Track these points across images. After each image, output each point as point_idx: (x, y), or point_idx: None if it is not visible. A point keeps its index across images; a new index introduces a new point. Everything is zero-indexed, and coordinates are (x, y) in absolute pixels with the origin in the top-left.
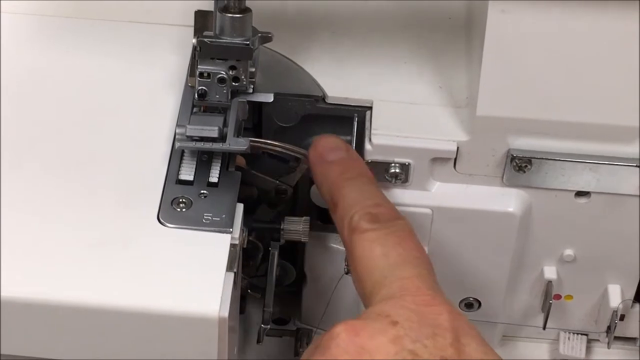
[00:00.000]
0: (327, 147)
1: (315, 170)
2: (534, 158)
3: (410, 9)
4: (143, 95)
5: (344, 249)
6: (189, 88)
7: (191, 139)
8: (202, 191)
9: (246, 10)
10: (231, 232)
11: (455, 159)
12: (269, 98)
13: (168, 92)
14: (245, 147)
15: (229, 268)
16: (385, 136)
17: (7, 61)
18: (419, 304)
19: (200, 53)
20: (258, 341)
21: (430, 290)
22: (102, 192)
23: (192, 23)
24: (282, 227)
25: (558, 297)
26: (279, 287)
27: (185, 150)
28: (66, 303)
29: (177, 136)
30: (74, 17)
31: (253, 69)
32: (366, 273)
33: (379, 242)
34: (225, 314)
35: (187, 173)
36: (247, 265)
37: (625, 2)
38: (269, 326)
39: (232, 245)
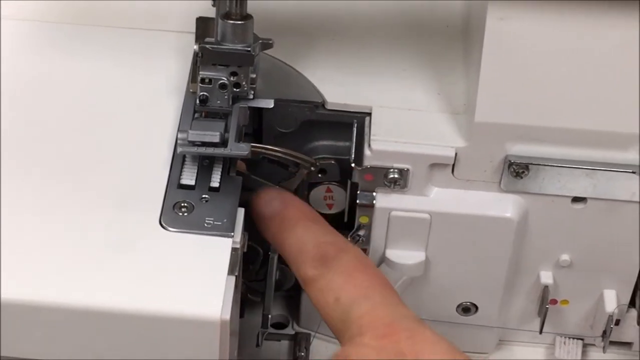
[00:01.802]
0: (262, 202)
1: (260, 230)
2: (532, 164)
3: (409, 17)
4: (144, 100)
5: None
6: (190, 94)
7: (193, 144)
8: (203, 196)
9: (247, 17)
10: (232, 236)
11: (454, 165)
12: (270, 104)
13: (169, 98)
14: (247, 152)
15: (231, 271)
16: (384, 142)
17: (8, 67)
18: (377, 338)
19: (202, 59)
20: (257, 345)
21: (387, 317)
22: (104, 196)
23: (193, 29)
24: None
25: (554, 301)
26: (278, 291)
27: (187, 155)
28: (69, 305)
29: (179, 141)
30: (75, 24)
31: (254, 75)
32: (329, 322)
33: (329, 288)
34: (227, 316)
35: (189, 178)
36: (247, 269)
37: (624, 10)
38: (268, 330)
39: (234, 249)
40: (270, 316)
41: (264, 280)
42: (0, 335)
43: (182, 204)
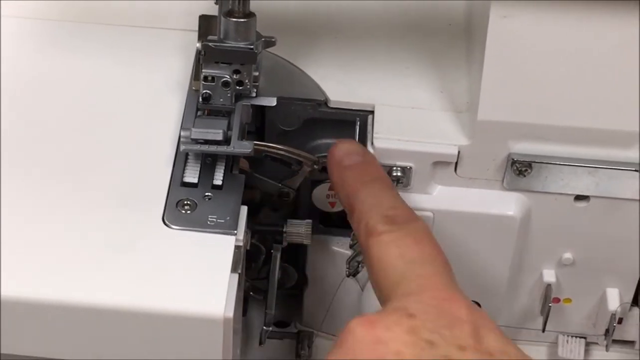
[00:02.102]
0: (343, 152)
1: (332, 176)
2: (534, 162)
3: (411, 15)
4: (147, 98)
5: (345, 252)
6: (192, 91)
7: (196, 141)
8: (206, 193)
9: (250, 15)
10: (236, 234)
11: (456, 163)
12: (272, 102)
13: (172, 96)
14: (250, 150)
15: (234, 269)
16: (387, 140)
17: (11, 65)
18: (437, 299)
19: (205, 57)
20: (260, 343)
21: (448, 287)
22: (107, 194)
23: (195, 27)
24: (284, 229)
25: (557, 300)
26: (280, 290)
27: (190, 153)
28: (72, 303)
29: (182, 139)
30: (78, 22)
31: (257, 73)
32: (383, 274)
33: (395, 244)
34: (230, 314)
35: (192, 175)
36: (249, 267)
37: (626, 8)
38: (270, 328)
39: (237, 247)
40: (273, 314)
41: (266, 278)
42: (7, 333)
43: (185, 202)
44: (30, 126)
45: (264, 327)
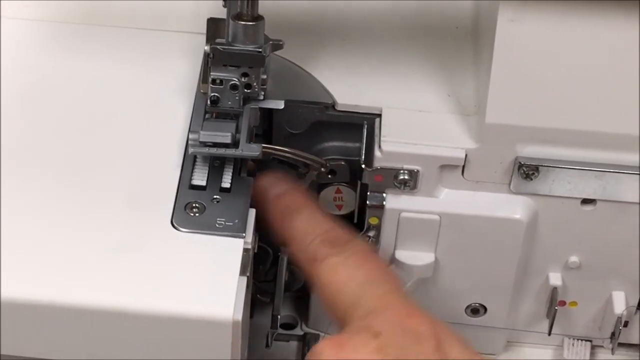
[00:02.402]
0: (266, 185)
1: (262, 211)
2: (541, 166)
3: (418, 18)
4: (154, 101)
5: None
6: (200, 94)
7: (204, 144)
8: (214, 196)
9: (259, 18)
10: (244, 237)
11: (464, 166)
12: (280, 105)
13: (179, 99)
14: (258, 153)
15: (242, 272)
16: (394, 143)
17: (18, 68)
18: (399, 316)
19: (213, 60)
20: (267, 345)
21: (405, 304)
22: (116, 197)
23: (202, 30)
24: None
25: (563, 303)
26: (287, 292)
27: (198, 156)
28: (81, 305)
29: (190, 142)
30: (85, 24)
31: (265, 76)
32: (337, 298)
33: (343, 266)
34: (239, 317)
35: (200, 178)
36: (257, 270)
37: (633, 12)
38: (277, 330)
39: (245, 250)
40: (279, 317)
41: (273, 281)
42: (9, 334)
43: (194, 205)
44: (38, 129)
45: (271, 330)
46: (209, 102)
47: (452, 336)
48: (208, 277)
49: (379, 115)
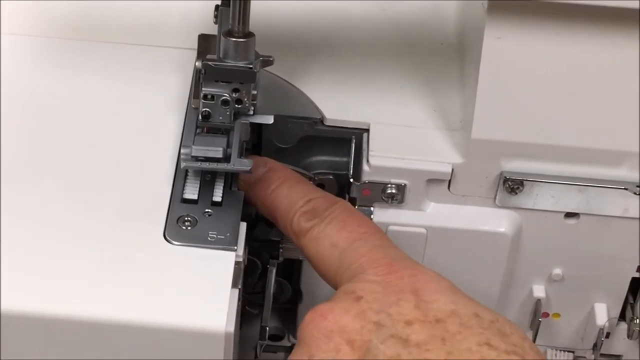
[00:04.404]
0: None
1: (248, 196)
2: (526, 180)
3: (404, 35)
4: (146, 115)
5: None
6: (191, 109)
7: (196, 159)
8: (206, 210)
9: (249, 35)
10: (236, 250)
11: (450, 181)
12: (270, 120)
13: (170, 113)
14: (249, 168)
15: (234, 285)
16: (382, 158)
17: (10, 82)
18: (380, 274)
19: (205, 76)
20: (255, 357)
21: (387, 258)
22: (109, 210)
23: (192, 45)
24: (281, 245)
25: (546, 315)
26: (275, 304)
27: (189, 170)
28: (73, 318)
29: (182, 156)
30: (75, 39)
31: (255, 92)
32: (325, 268)
33: (324, 235)
34: (231, 329)
35: (192, 192)
36: (245, 282)
37: (618, 31)
38: (266, 342)
39: (237, 263)
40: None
41: (261, 292)
42: (7, 346)
43: (186, 218)
44: (31, 143)
45: (260, 341)
46: (200, 117)
47: (436, 285)
48: (200, 289)
49: (367, 130)
